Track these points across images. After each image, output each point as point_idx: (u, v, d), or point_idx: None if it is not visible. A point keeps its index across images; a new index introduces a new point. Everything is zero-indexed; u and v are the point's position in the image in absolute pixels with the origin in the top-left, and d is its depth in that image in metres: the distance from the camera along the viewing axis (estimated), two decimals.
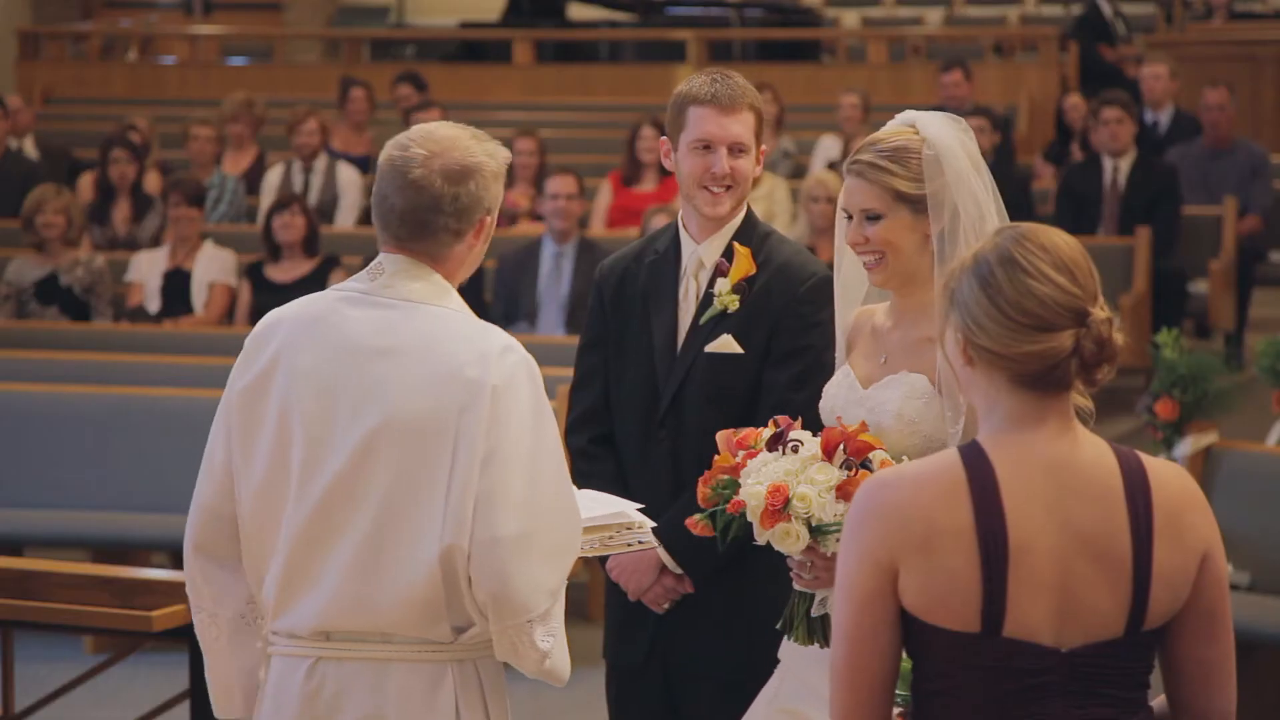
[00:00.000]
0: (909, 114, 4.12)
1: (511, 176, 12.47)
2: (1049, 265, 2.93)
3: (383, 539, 3.59)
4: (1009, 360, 2.93)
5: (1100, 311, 2.93)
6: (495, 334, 3.67)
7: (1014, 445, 2.95)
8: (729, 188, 4.61)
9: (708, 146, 4.61)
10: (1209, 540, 2.99)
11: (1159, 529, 2.94)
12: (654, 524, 4.09)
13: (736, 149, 4.60)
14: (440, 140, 3.70)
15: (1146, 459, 3.00)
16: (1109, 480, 2.95)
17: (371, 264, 3.73)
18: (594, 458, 4.73)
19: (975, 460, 2.94)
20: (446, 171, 3.67)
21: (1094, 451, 2.97)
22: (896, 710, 3.04)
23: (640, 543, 4.02)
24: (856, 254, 4.08)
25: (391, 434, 3.59)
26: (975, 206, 3.99)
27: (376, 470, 3.59)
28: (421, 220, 3.67)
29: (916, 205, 4.01)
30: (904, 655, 3.00)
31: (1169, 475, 2.99)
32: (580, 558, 3.82)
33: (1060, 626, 2.92)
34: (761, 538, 3.89)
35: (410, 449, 3.58)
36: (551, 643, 3.62)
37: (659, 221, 8.96)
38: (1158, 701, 3.07)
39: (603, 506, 4.02)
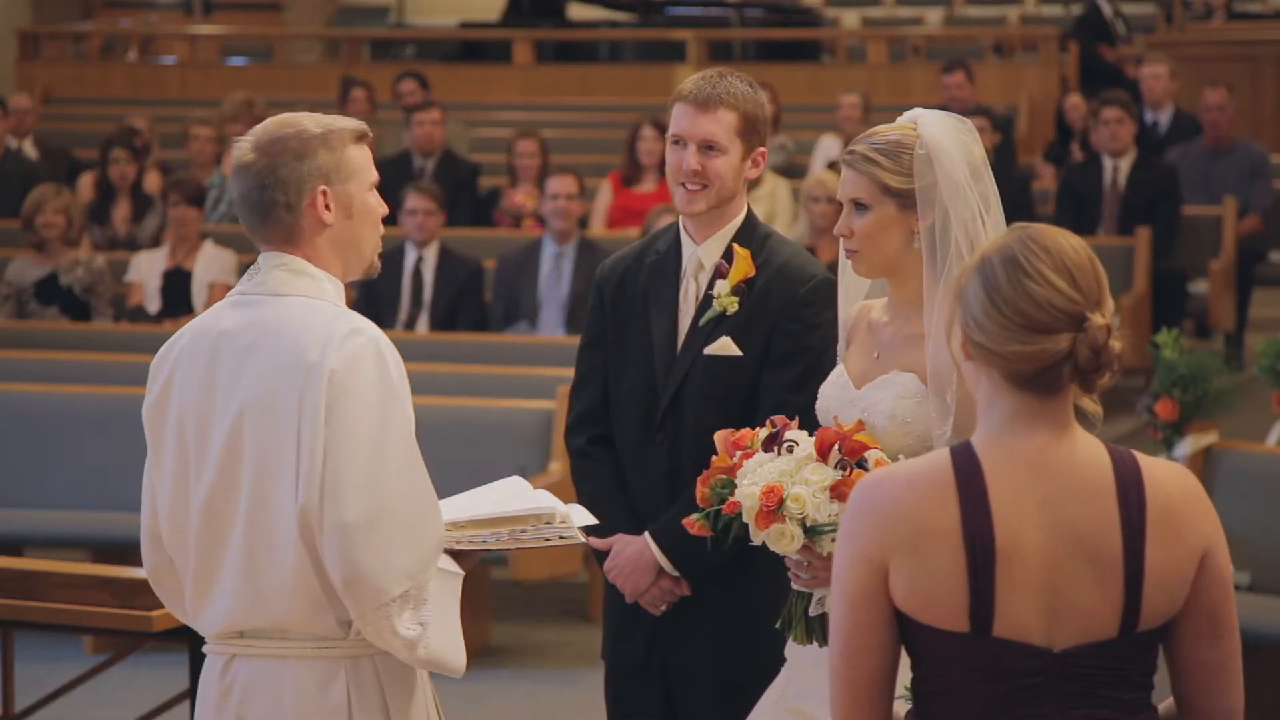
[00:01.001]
0: (915, 111, 4.13)
1: (514, 177, 12.48)
2: (1050, 268, 2.92)
3: (255, 531, 3.60)
4: (1001, 358, 2.93)
5: (1100, 318, 2.91)
6: (346, 319, 3.62)
7: (1005, 445, 2.95)
8: (704, 186, 4.57)
9: (679, 142, 4.60)
10: (1209, 539, 2.97)
11: (1152, 528, 2.93)
12: (589, 523, 3.99)
13: (707, 146, 4.56)
14: (268, 123, 3.68)
15: (1144, 458, 2.99)
16: (1101, 479, 2.94)
17: (251, 266, 3.75)
18: (592, 458, 4.72)
19: (964, 460, 2.94)
20: (260, 145, 3.65)
21: (1088, 451, 2.96)
22: (906, 709, 3.04)
23: (561, 538, 3.91)
24: (842, 243, 4.10)
25: (248, 425, 3.59)
26: (968, 209, 3.99)
27: (241, 463, 3.61)
28: (255, 201, 3.66)
29: (903, 200, 4.02)
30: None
31: (1167, 474, 2.98)
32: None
33: (1051, 627, 2.91)
34: (757, 538, 3.89)
35: (263, 438, 3.58)
36: (419, 631, 3.57)
37: (663, 221, 8.94)
38: (1165, 704, 3.07)
39: (521, 501, 3.93)
